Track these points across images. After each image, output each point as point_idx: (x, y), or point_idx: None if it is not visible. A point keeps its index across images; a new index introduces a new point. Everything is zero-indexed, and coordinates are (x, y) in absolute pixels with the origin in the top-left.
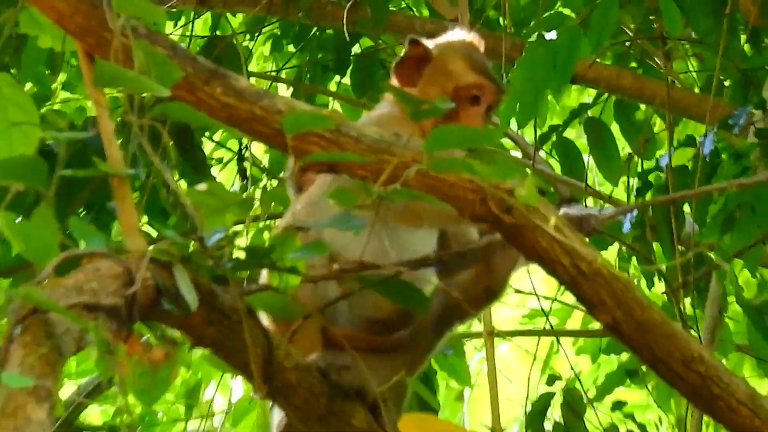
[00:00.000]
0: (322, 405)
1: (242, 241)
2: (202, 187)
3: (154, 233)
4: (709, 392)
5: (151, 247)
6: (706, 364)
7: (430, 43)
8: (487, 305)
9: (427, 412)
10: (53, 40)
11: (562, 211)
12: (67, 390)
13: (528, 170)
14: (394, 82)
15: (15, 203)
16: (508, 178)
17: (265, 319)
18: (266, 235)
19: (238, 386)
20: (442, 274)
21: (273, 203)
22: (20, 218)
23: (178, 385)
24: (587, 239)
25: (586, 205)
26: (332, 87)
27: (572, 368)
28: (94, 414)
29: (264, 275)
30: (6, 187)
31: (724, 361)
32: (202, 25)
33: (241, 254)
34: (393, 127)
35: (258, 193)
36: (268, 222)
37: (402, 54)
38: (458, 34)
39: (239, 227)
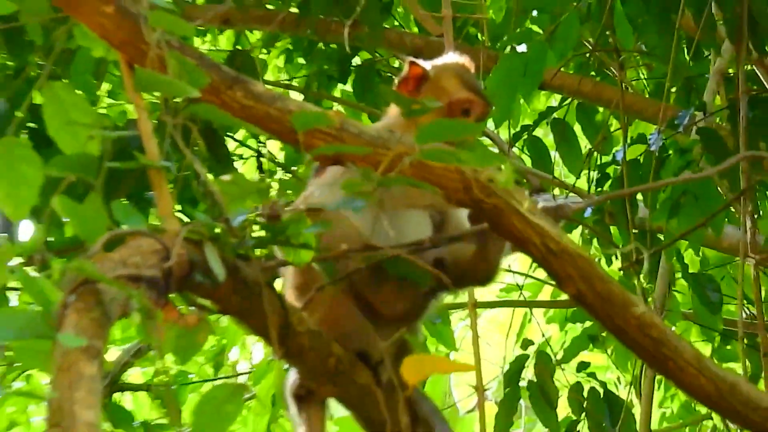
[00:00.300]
0: (330, 365)
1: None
2: (227, 177)
3: (185, 219)
4: (661, 354)
5: (184, 228)
6: (657, 329)
7: (427, 64)
8: (481, 285)
9: None
10: (103, 50)
11: (541, 203)
12: (112, 355)
13: (506, 160)
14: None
15: (69, 192)
16: (487, 166)
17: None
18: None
19: (258, 350)
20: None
21: (286, 191)
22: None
23: (207, 349)
24: (561, 224)
25: (553, 194)
26: (336, 93)
27: (543, 335)
28: (135, 375)
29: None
30: (60, 177)
31: (673, 328)
32: (225, 41)
33: (260, 233)
34: (395, 128)
35: (273, 184)
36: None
37: (402, 74)
38: (452, 57)
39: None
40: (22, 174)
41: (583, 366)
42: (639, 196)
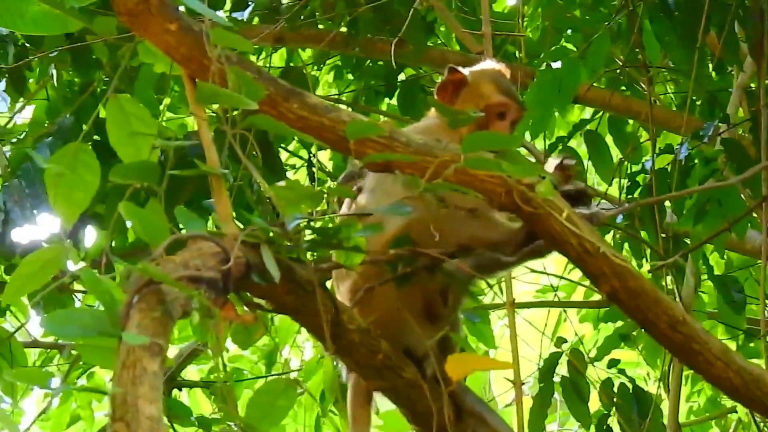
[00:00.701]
0: (378, 360)
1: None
2: (282, 183)
3: (241, 225)
4: (690, 348)
5: (242, 232)
6: (688, 325)
7: (465, 71)
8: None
9: None
10: (165, 66)
11: (578, 210)
12: (170, 352)
13: (545, 170)
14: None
15: (133, 199)
16: (528, 176)
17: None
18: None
19: (308, 348)
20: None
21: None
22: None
23: (260, 347)
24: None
25: (589, 200)
26: (383, 107)
27: (576, 334)
28: (192, 373)
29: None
30: (125, 185)
31: None
32: (278, 58)
33: (313, 237)
34: (435, 135)
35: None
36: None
37: (442, 79)
38: (489, 64)
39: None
40: (82, 179)
41: (613, 363)
42: (667, 203)
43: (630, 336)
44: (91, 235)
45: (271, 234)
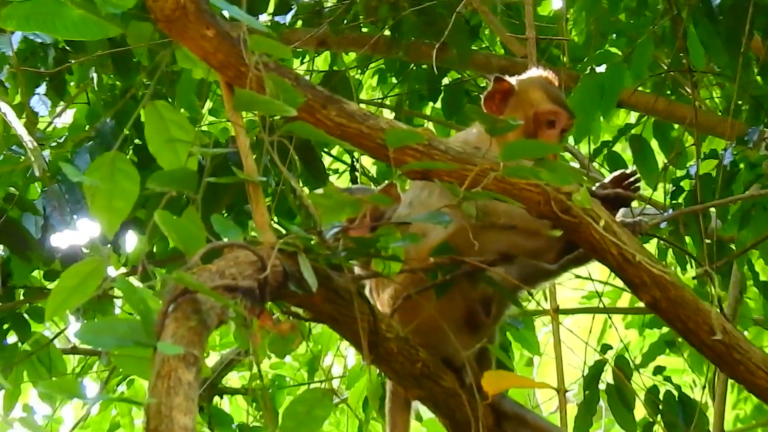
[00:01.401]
0: (417, 369)
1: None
2: (320, 190)
3: (282, 231)
4: (731, 358)
5: (279, 240)
6: (729, 334)
7: (513, 79)
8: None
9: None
10: (204, 72)
11: (619, 218)
12: (212, 359)
13: (584, 178)
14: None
15: (171, 205)
16: (567, 184)
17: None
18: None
19: (351, 355)
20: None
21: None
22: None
23: (302, 354)
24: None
25: (631, 208)
26: (427, 111)
27: (621, 340)
28: (233, 380)
29: None
30: (163, 192)
31: (745, 333)
32: (322, 62)
33: (351, 245)
34: (481, 145)
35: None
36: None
37: (489, 89)
38: (537, 71)
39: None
40: (121, 187)
41: (659, 370)
42: (712, 209)
43: (675, 342)
44: (131, 240)
45: (309, 242)
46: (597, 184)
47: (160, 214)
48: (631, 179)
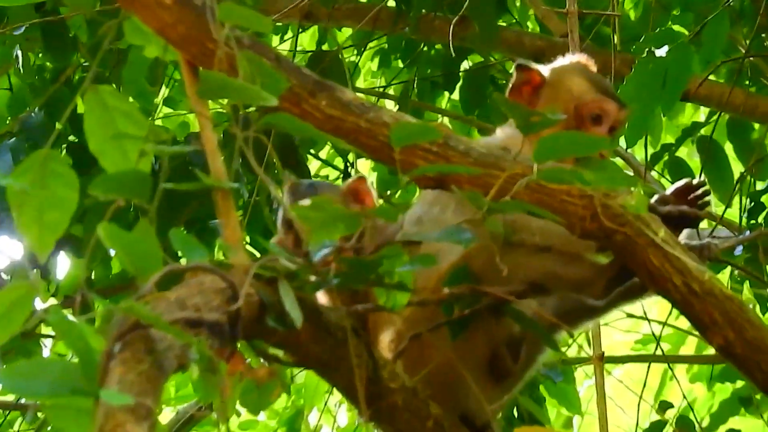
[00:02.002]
0: (427, 428)
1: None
2: (306, 201)
3: (256, 254)
4: None
5: (255, 262)
6: None
7: (543, 68)
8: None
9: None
10: (159, 50)
11: (683, 241)
12: (165, 416)
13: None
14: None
15: (119, 219)
16: (617, 187)
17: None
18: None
19: (343, 412)
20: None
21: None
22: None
23: (281, 410)
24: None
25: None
26: (441, 104)
27: (684, 396)
28: None
29: None
30: (108, 201)
31: None
32: (308, 39)
33: (347, 270)
34: (509, 146)
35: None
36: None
37: (512, 81)
38: (571, 57)
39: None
40: (55, 195)
41: None
42: None
43: (753, 399)
44: (64, 264)
45: (292, 266)
46: (655, 197)
47: (105, 228)
48: (699, 192)
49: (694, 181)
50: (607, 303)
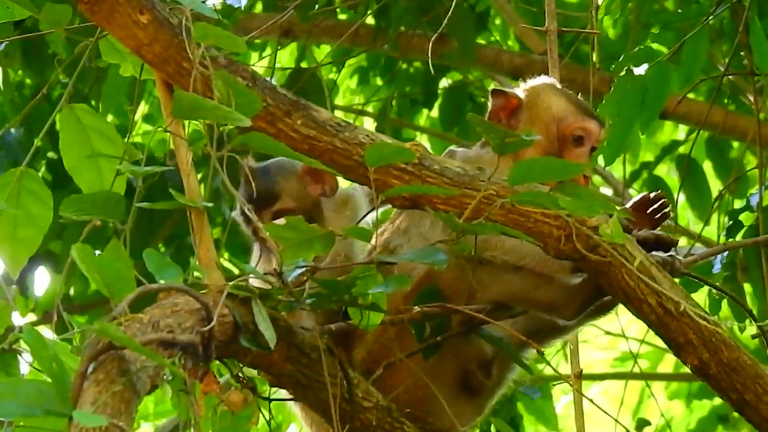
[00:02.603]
0: None
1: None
2: (281, 221)
3: (235, 271)
4: None
5: (229, 282)
6: None
7: (518, 91)
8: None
9: None
10: (135, 69)
11: (650, 253)
12: None
13: (617, 206)
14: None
15: (93, 238)
16: (593, 213)
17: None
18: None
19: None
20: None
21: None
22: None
23: (257, 428)
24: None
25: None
26: (420, 121)
27: (662, 414)
28: None
29: None
30: (83, 221)
31: None
32: (287, 57)
33: (319, 290)
34: (485, 165)
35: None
36: None
37: (489, 108)
38: (542, 79)
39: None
40: (29, 212)
41: None
42: None
43: (729, 417)
44: (43, 279)
45: (266, 285)
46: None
47: (79, 249)
48: (656, 205)
49: (652, 195)
50: (576, 322)
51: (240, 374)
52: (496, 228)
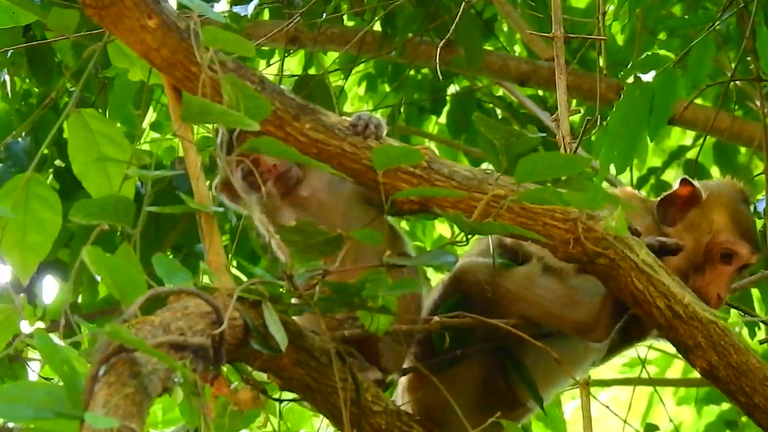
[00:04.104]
0: None
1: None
2: (290, 223)
3: (243, 278)
4: None
5: (239, 286)
6: None
7: (702, 187)
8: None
9: None
10: (144, 73)
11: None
12: None
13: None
14: (657, 216)
15: (104, 243)
16: (597, 207)
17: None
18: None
19: None
20: None
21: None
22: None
23: None
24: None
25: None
26: (428, 128)
27: (671, 419)
28: None
29: None
30: (91, 226)
31: None
32: (295, 64)
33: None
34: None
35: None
36: None
37: (671, 190)
38: (728, 182)
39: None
40: (37, 219)
41: None
42: None
43: (738, 422)
44: (51, 287)
45: (276, 289)
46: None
47: (91, 252)
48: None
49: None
50: (610, 345)
51: (249, 378)
52: (504, 228)
